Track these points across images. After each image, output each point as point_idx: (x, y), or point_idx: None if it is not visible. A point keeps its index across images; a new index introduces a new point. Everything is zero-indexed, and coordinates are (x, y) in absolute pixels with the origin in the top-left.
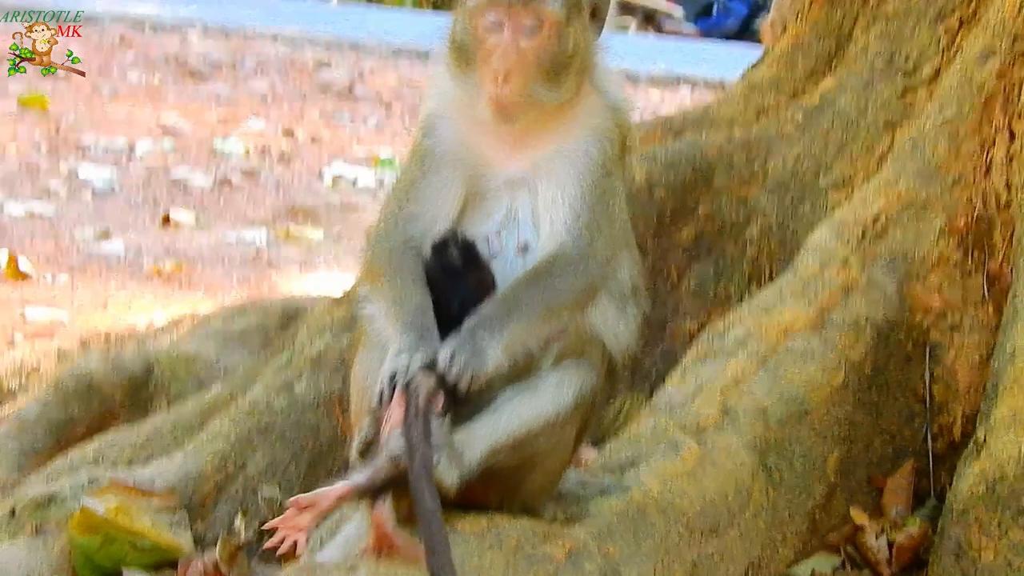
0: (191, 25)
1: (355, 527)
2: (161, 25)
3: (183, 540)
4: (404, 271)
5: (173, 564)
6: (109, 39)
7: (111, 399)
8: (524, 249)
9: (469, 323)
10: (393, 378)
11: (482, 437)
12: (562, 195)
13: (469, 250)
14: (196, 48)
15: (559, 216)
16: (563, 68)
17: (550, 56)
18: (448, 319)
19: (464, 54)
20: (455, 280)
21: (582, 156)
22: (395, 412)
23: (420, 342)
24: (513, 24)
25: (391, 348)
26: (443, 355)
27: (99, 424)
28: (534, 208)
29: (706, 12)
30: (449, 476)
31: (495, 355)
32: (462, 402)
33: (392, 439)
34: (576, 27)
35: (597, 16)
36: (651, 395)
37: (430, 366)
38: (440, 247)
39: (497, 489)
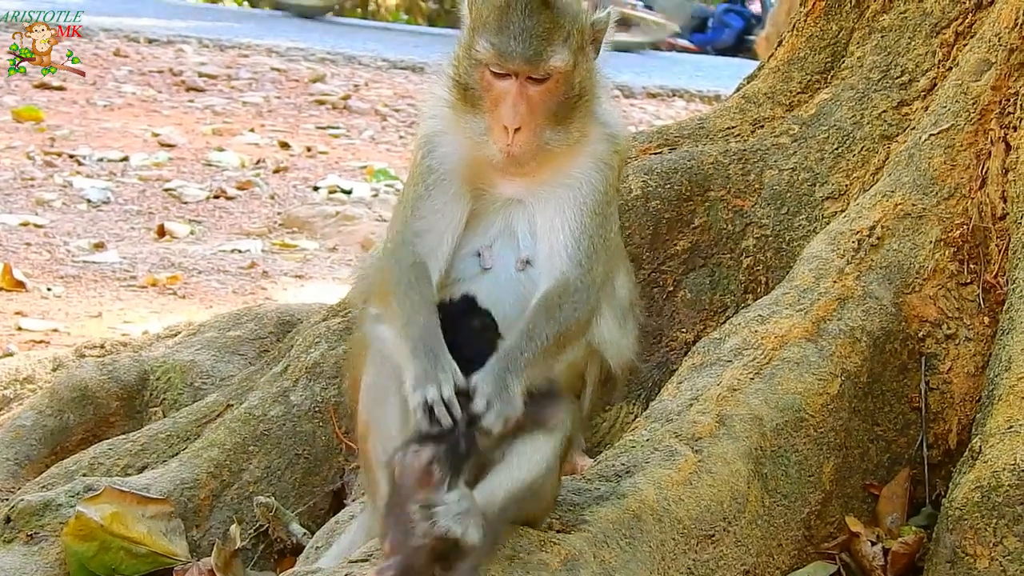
0: (186, 38)
1: (349, 537)
2: (156, 38)
3: (178, 547)
4: (412, 291)
5: (168, 571)
6: (104, 52)
7: (106, 407)
8: (527, 264)
9: (497, 365)
10: (427, 406)
11: (499, 488)
12: (562, 222)
13: (470, 302)
14: (191, 61)
15: (559, 242)
16: (572, 110)
17: (558, 103)
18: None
19: (468, 95)
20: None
21: (584, 184)
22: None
23: (437, 368)
24: (522, 78)
25: (408, 375)
26: (479, 403)
27: (94, 432)
28: (533, 228)
29: (701, 27)
30: (472, 535)
31: (521, 398)
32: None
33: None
34: (582, 67)
35: (596, 41)
36: (647, 404)
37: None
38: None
39: None
